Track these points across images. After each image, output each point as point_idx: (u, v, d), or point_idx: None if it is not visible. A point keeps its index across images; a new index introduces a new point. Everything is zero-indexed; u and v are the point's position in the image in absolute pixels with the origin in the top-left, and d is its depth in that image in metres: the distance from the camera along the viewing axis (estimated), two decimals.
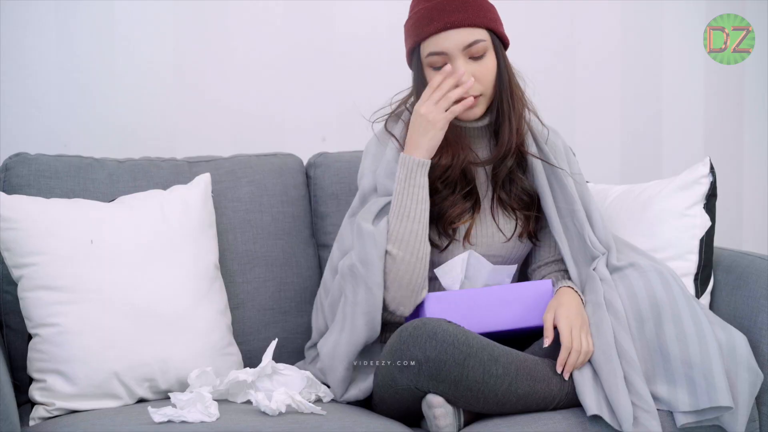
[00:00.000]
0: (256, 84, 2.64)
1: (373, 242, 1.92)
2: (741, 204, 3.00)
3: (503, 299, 1.97)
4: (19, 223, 1.95)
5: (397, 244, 1.93)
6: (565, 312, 1.90)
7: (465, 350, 1.77)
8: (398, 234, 1.93)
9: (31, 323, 1.94)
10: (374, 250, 1.92)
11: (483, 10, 1.98)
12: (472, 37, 1.95)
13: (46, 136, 2.49)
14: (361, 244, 1.93)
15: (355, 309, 1.93)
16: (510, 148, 2.02)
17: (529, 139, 2.07)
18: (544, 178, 2.06)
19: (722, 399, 1.79)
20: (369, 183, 2.04)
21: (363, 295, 1.92)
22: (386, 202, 1.99)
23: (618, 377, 1.82)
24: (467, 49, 1.95)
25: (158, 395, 1.97)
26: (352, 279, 1.94)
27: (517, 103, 2.03)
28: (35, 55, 2.49)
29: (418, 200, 1.94)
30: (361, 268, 1.92)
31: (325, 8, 2.67)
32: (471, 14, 1.95)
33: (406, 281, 1.93)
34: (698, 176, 2.17)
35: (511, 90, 2.02)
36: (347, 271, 1.95)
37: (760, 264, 2.07)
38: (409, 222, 1.94)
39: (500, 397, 1.80)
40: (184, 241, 2.06)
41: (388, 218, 1.95)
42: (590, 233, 2.03)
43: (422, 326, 1.80)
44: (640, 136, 2.92)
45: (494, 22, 1.99)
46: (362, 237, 1.93)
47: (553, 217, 2.05)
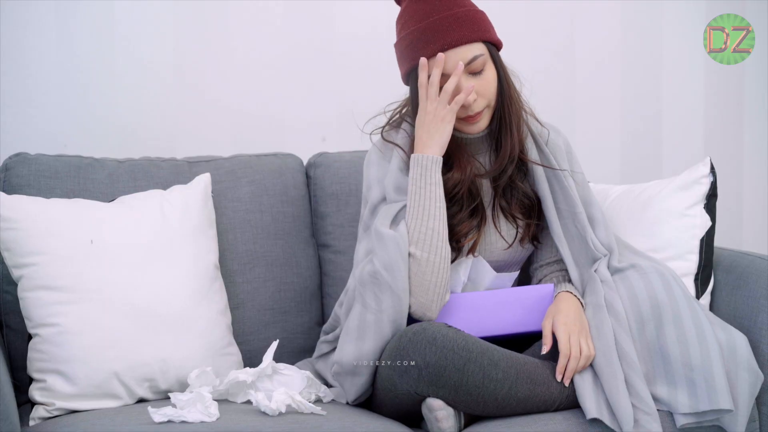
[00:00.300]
0: (256, 84, 2.64)
1: (395, 245, 1.88)
2: (741, 204, 3.00)
3: (505, 302, 1.97)
4: (19, 223, 1.95)
5: (419, 245, 1.90)
6: (563, 318, 1.89)
7: (465, 355, 1.77)
8: (419, 234, 1.90)
9: (31, 323, 1.94)
10: (398, 254, 1.88)
11: (476, 22, 1.95)
12: (470, 53, 1.93)
13: (46, 136, 2.49)
14: (383, 249, 1.89)
15: (380, 317, 1.87)
16: (512, 157, 2.01)
17: (530, 142, 2.06)
18: (545, 181, 2.05)
19: (722, 402, 1.79)
20: (378, 194, 2.00)
21: (389, 302, 1.87)
22: (400, 207, 1.96)
23: (618, 379, 1.82)
24: (467, 66, 1.93)
25: (158, 395, 1.97)
26: (375, 286, 1.89)
27: (517, 110, 2.01)
28: (35, 55, 2.49)
29: (435, 197, 1.93)
30: (385, 274, 1.87)
31: (325, 8, 2.67)
32: (466, 30, 1.93)
33: (433, 284, 1.90)
34: (699, 176, 2.17)
35: (511, 96, 2.00)
36: (369, 278, 1.90)
37: (760, 264, 2.07)
38: (429, 219, 1.91)
39: (500, 401, 1.80)
40: (184, 241, 2.06)
41: (406, 221, 1.92)
42: (592, 235, 2.03)
43: (422, 331, 1.79)
44: (640, 136, 2.92)
45: (488, 31, 1.97)
46: (383, 241, 1.89)
47: (554, 220, 2.04)
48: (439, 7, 1.93)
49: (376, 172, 2.02)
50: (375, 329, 1.88)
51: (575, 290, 1.99)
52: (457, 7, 1.94)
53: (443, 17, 1.92)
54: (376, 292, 1.88)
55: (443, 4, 1.94)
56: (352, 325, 1.91)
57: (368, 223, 2.00)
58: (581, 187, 2.08)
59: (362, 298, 1.90)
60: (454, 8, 1.94)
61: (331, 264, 2.34)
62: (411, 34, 1.95)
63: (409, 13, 1.96)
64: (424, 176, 1.93)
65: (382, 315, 1.87)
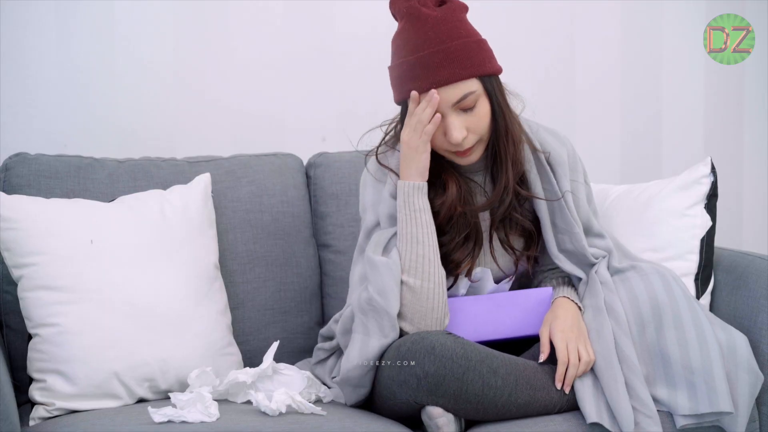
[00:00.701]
0: (256, 84, 2.64)
1: (388, 271, 1.87)
2: (741, 204, 3.00)
3: (503, 306, 1.96)
4: (19, 223, 1.95)
5: (412, 273, 1.88)
6: (561, 326, 1.88)
7: (464, 364, 1.76)
8: (410, 262, 1.88)
9: (31, 323, 1.94)
10: (391, 279, 1.87)
11: (470, 57, 1.86)
12: (461, 92, 1.85)
13: (46, 136, 2.49)
14: (376, 276, 1.88)
15: (384, 342, 1.86)
16: (507, 190, 1.95)
17: (529, 162, 1.99)
18: (543, 202, 2.00)
19: (723, 404, 1.79)
20: (372, 219, 1.98)
21: (389, 326, 1.86)
22: (392, 234, 1.94)
23: (619, 383, 1.81)
24: (457, 104, 1.86)
25: (158, 395, 1.97)
26: (374, 312, 1.88)
27: (515, 142, 1.94)
28: (35, 55, 2.49)
29: (421, 223, 1.90)
30: (379, 299, 1.86)
31: (325, 8, 2.67)
32: (458, 67, 1.84)
33: (430, 309, 1.88)
34: (699, 176, 2.17)
35: (507, 129, 1.92)
36: (366, 305, 1.89)
37: (760, 264, 2.07)
38: (419, 246, 1.89)
39: (500, 407, 1.80)
40: (184, 241, 2.06)
41: (398, 248, 1.90)
42: (589, 250, 2.00)
43: (420, 340, 1.79)
44: (640, 137, 2.92)
45: (482, 65, 1.87)
46: (376, 268, 1.88)
47: (551, 241, 2.00)
48: (432, 40, 1.85)
49: (372, 197, 2.00)
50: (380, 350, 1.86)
51: (573, 294, 1.98)
52: (451, 39, 1.85)
53: (435, 52, 1.84)
54: (377, 319, 1.87)
55: (437, 36, 1.85)
56: (354, 351, 1.89)
57: (362, 246, 1.99)
58: (582, 201, 2.03)
59: (364, 326, 1.89)
60: (448, 41, 1.85)
61: (331, 264, 2.34)
62: (402, 65, 1.88)
63: (403, 39, 1.88)
64: (407, 203, 1.91)
65: (387, 340, 1.86)
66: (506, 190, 1.95)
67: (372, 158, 2.02)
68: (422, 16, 1.87)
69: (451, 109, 1.87)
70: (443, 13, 1.87)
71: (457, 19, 1.88)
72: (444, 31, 1.86)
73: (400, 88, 1.91)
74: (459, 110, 1.87)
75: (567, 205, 1.99)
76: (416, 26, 1.87)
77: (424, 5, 1.88)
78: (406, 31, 1.88)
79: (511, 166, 1.94)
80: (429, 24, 1.86)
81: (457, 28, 1.87)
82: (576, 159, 2.06)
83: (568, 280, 2.04)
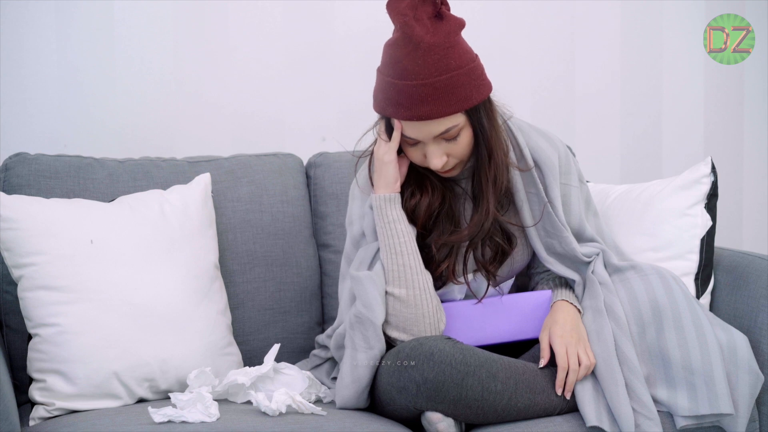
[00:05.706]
0: (255, 84, 2.64)
1: (371, 283, 1.89)
2: (741, 204, 3.00)
3: (503, 310, 1.96)
4: (19, 223, 1.95)
5: (398, 283, 1.90)
6: (560, 330, 1.88)
7: (463, 369, 1.76)
8: (394, 272, 1.90)
9: (31, 323, 1.94)
10: (374, 290, 1.88)
11: (455, 92, 1.81)
12: (443, 126, 1.83)
13: (46, 136, 2.49)
14: (361, 289, 1.89)
15: (372, 354, 1.88)
16: (488, 218, 1.92)
17: (515, 173, 1.96)
18: (529, 210, 1.98)
19: (723, 406, 1.79)
20: (358, 230, 2.00)
21: (375, 337, 1.88)
22: (376, 249, 1.95)
23: (619, 385, 1.81)
24: (440, 136, 1.85)
25: (158, 395, 1.97)
26: (360, 325, 1.89)
27: (497, 166, 1.91)
28: (35, 55, 2.49)
29: (398, 233, 1.91)
30: (365, 311, 1.88)
31: (325, 8, 2.67)
32: (442, 105, 1.80)
33: (421, 315, 1.89)
34: (700, 176, 2.17)
35: (490, 155, 1.90)
36: (354, 319, 1.90)
37: (760, 264, 2.07)
38: (398, 257, 1.91)
39: (500, 412, 1.80)
40: (184, 241, 2.06)
41: (381, 260, 1.92)
42: (580, 250, 1.99)
43: (419, 347, 1.79)
44: (640, 136, 2.92)
45: (469, 99, 1.83)
46: (360, 282, 1.90)
47: (539, 248, 1.99)
48: (420, 73, 1.79)
49: (358, 209, 2.01)
50: (369, 366, 1.88)
51: (572, 296, 1.98)
52: (438, 73, 1.79)
53: (422, 85, 1.79)
54: (362, 331, 1.89)
55: (424, 69, 1.79)
56: (346, 370, 1.90)
57: (349, 254, 2.01)
58: (574, 205, 2.01)
59: (352, 341, 1.90)
60: (435, 75, 1.79)
61: (331, 264, 2.34)
62: (389, 84, 1.84)
63: (394, 57, 1.83)
64: (381, 216, 1.92)
65: (374, 351, 1.87)
66: (487, 217, 1.92)
67: (361, 170, 2.02)
68: (415, 38, 1.80)
69: (432, 139, 1.86)
70: (436, 38, 1.81)
71: (449, 45, 1.82)
72: (431, 63, 1.80)
73: (383, 105, 1.88)
74: (441, 140, 1.87)
75: (555, 212, 1.98)
76: (407, 49, 1.81)
77: (419, 21, 1.81)
78: (398, 48, 1.82)
79: (492, 192, 1.92)
80: (419, 52, 1.80)
81: (446, 58, 1.81)
82: (569, 160, 2.03)
83: (566, 282, 2.04)
